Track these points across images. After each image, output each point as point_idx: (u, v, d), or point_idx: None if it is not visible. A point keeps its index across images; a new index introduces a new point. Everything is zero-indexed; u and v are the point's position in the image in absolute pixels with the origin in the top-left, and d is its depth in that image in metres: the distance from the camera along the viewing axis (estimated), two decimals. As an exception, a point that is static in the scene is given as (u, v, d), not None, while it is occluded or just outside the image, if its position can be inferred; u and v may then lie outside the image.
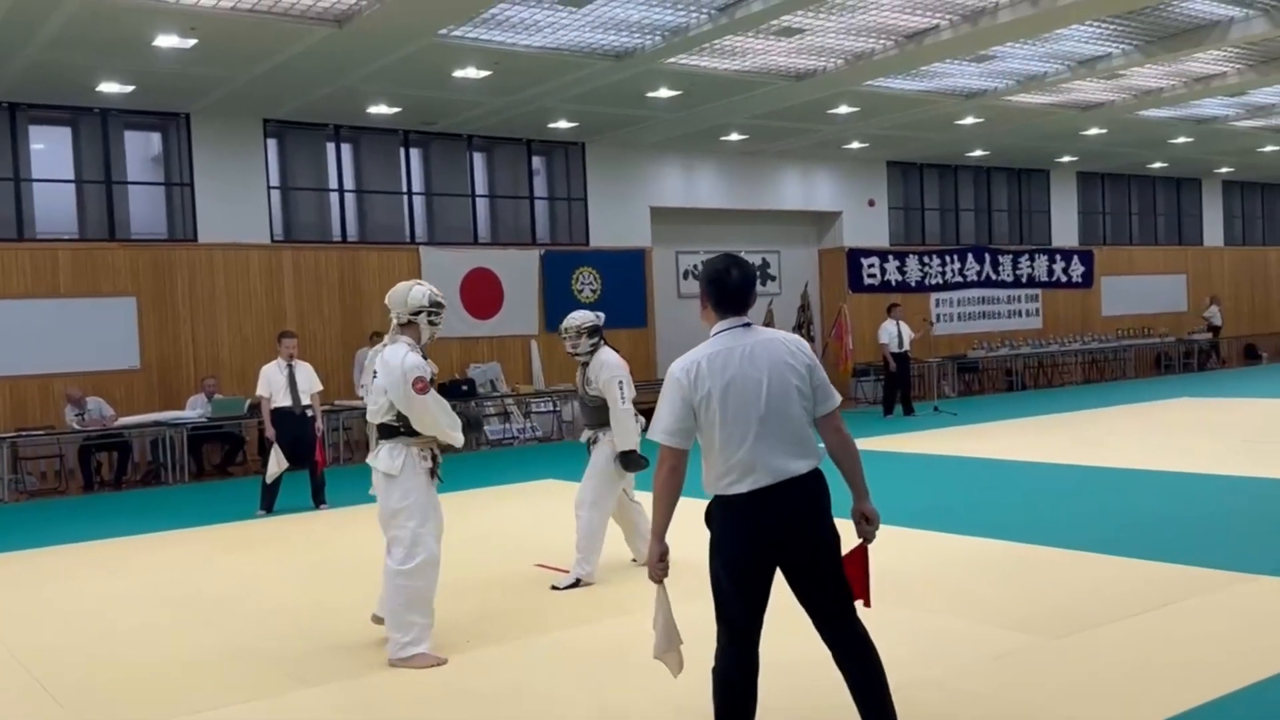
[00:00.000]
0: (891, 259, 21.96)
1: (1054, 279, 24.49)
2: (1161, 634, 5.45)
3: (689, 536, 3.86)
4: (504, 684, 5.21)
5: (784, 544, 3.66)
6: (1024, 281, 23.96)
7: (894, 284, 21.80)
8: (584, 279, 18.04)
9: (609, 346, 7.24)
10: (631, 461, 7.02)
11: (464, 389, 15.53)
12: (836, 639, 3.74)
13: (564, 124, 16.51)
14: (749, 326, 3.78)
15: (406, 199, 16.77)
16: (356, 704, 5.07)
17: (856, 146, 19.92)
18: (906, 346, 17.53)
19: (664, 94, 14.76)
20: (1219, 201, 28.14)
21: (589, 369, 7.13)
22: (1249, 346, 27.11)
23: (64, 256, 14.02)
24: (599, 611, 6.39)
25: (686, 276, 20.15)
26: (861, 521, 3.79)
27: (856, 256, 21.47)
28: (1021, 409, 17.65)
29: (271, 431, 10.51)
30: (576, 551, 6.97)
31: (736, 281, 3.78)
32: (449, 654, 5.58)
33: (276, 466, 10.45)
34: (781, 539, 3.65)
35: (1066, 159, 23.34)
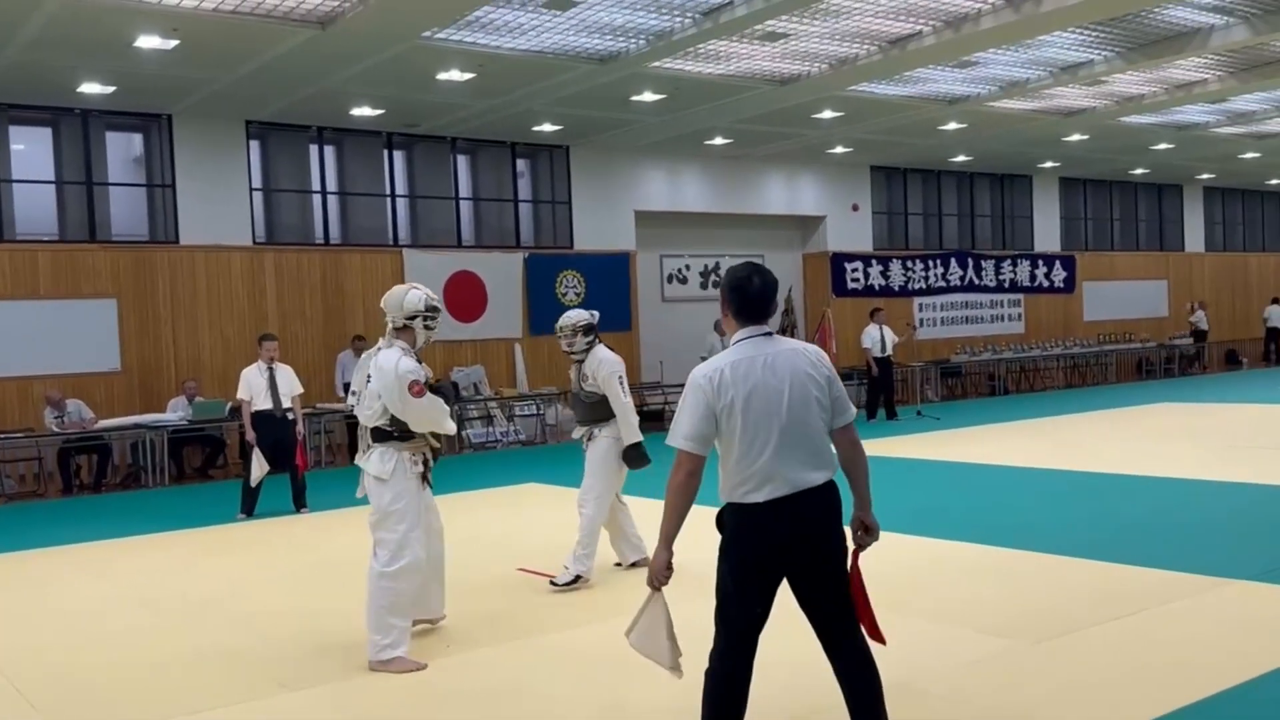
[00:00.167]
0: (875, 263, 22.03)
1: (1036, 284, 24.62)
2: (1142, 638, 5.47)
3: (688, 540, 3.83)
4: (501, 685, 5.20)
5: (795, 553, 3.67)
6: (1006, 286, 24.08)
7: (877, 288, 21.87)
8: (568, 282, 18.03)
9: (604, 345, 7.28)
10: (636, 457, 7.02)
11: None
12: (837, 650, 3.76)
13: (548, 127, 16.49)
14: (770, 336, 3.78)
15: (390, 201, 16.73)
16: (348, 706, 5.04)
17: (840, 151, 19.98)
18: (889, 351, 17.58)
19: (648, 98, 14.77)
20: (1200, 207, 28.34)
21: (584, 366, 7.17)
22: (1230, 352, 27.27)
23: (44, 258, 13.92)
24: (591, 614, 6.37)
25: (671, 280, 20.17)
26: (860, 530, 3.82)
27: (840, 261, 21.52)
28: (1004, 413, 17.72)
29: (252, 435, 10.45)
30: (580, 548, 6.95)
31: (758, 290, 3.78)
32: (435, 657, 5.54)
33: (259, 470, 10.38)
34: (793, 548, 3.66)
35: (1049, 164, 23.46)
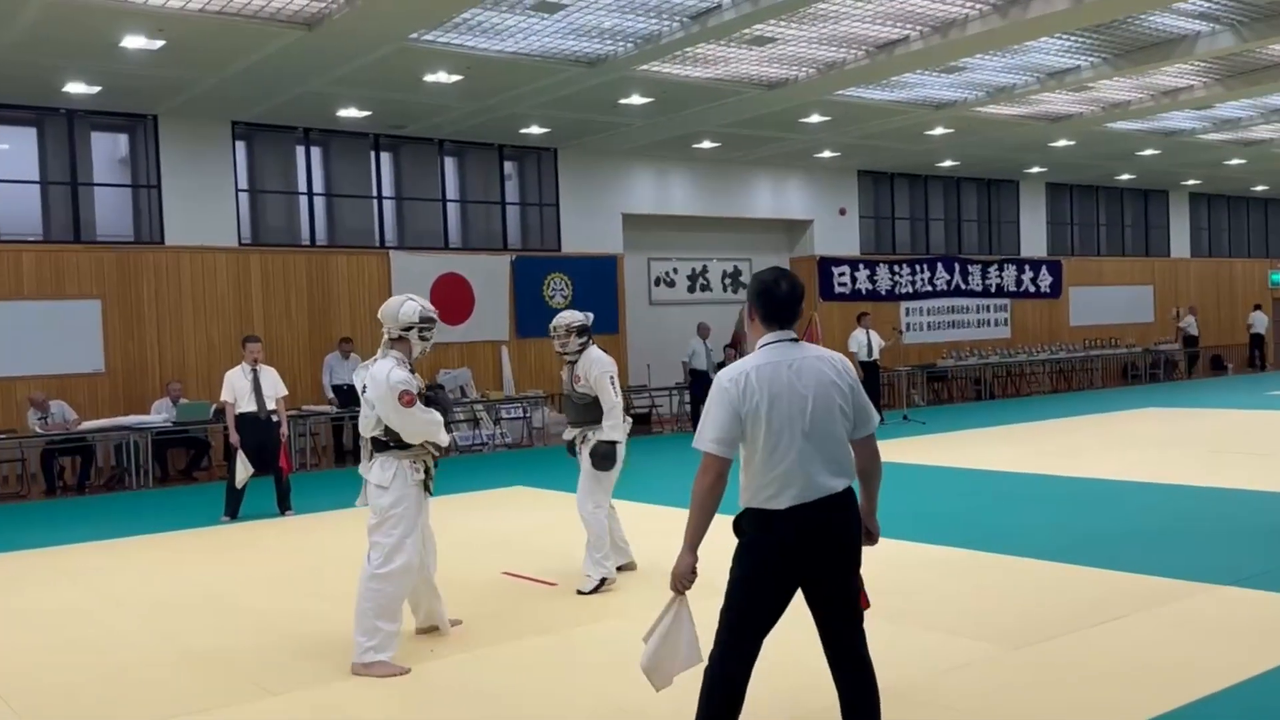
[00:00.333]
0: (862, 268, 22.06)
1: (1022, 289, 24.70)
2: (1125, 644, 5.47)
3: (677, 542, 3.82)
4: (486, 687, 5.19)
5: (812, 560, 3.68)
6: (993, 291, 24.15)
7: (864, 293, 21.91)
8: (555, 285, 18.01)
9: (598, 346, 7.28)
10: (604, 455, 7.01)
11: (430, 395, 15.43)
12: (840, 659, 3.77)
13: (536, 129, 16.48)
14: (796, 342, 3.78)
15: (376, 203, 16.69)
16: (331, 710, 5.02)
17: (828, 155, 20.01)
18: (875, 355, 17.61)
19: (636, 101, 14.77)
20: (1186, 213, 28.48)
21: (577, 367, 7.15)
22: (1215, 357, 27.39)
23: (28, 258, 13.84)
24: (577, 617, 6.36)
25: (658, 284, 20.17)
26: (862, 535, 3.85)
27: (827, 265, 21.55)
28: (990, 418, 17.77)
29: (236, 437, 10.40)
30: (594, 551, 6.94)
31: (785, 294, 3.78)
32: (419, 661, 5.53)
33: (243, 472, 10.33)
34: (811, 555, 3.67)
35: (1035, 170, 23.55)
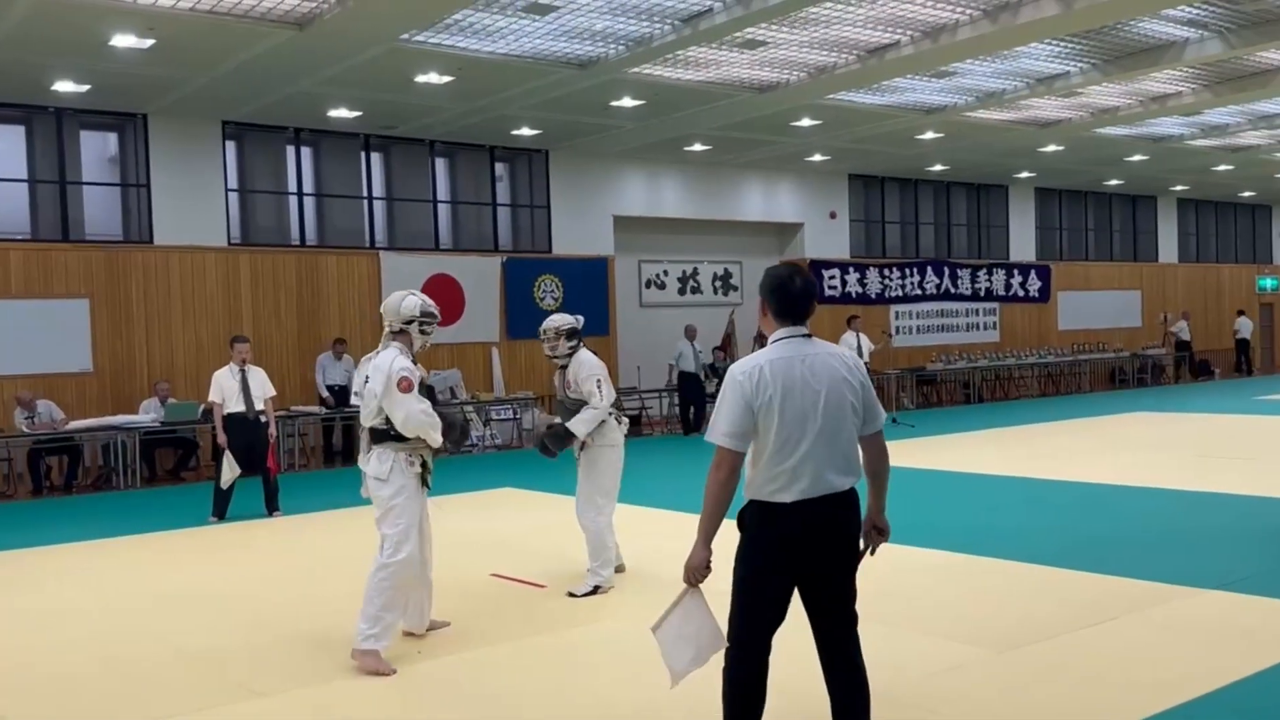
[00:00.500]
0: (852, 271, 22.10)
1: (1011, 293, 24.77)
2: (1111, 647, 5.49)
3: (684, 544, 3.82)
4: (474, 689, 5.19)
5: (814, 555, 3.69)
6: (982, 295, 24.22)
7: (854, 296, 21.94)
8: (546, 286, 18.00)
9: (587, 349, 7.27)
10: (553, 439, 7.00)
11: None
12: (834, 661, 3.78)
13: (527, 131, 16.47)
14: (809, 338, 3.79)
15: (367, 203, 16.66)
16: (317, 712, 5.01)
17: (819, 159, 20.04)
18: (865, 358, 17.62)
19: (627, 103, 14.77)
20: (1174, 219, 28.60)
21: (568, 371, 7.13)
22: (1202, 362, 27.49)
23: (15, 257, 13.78)
24: (572, 619, 6.36)
25: (649, 286, 20.17)
26: (873, 532, 3.88)
27: (818, 268, 21.57)
28: (978, 421, 17.82)
29: (224, 437, 10.37)
30: (591, 560, 6.93)
31: (799, 290, 3.79)
32: (407, 664, 5.52)
33: (229, 473, 10.31)
34: (813, 550, 3.68)
35: (1025, 175, 23.62)
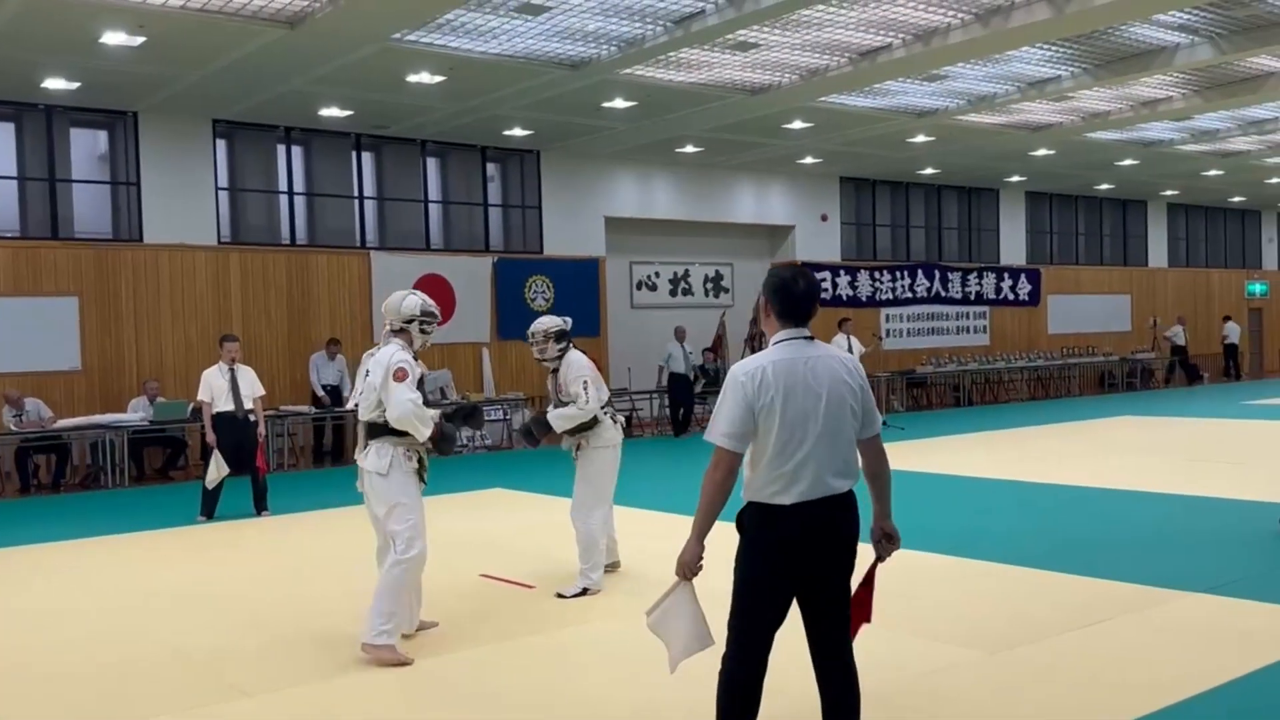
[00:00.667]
0: (843, 274, 22.13)
1: (1002, 297, 24.83)
2: (1101, 649, 5.50)
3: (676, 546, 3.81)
4: (468, 690, 5.19)
5: (812, 558, 3.67)
6: (972, 299, 24.27)
7: (845, 299, 21.96)
8: (537, 287, 17.99)
9: (578, 350, 7.26)
10: (533, 427, 7.07)
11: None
12: (827, 665, 3.77)
13: (519, 131, 16.46)
14: (811, 340, 3.78)
15: (358, 203, 16.63)
16: (306, 713, 4.99)
17: (810, 162, 20.06)
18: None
19: (619, 104, 14.77)
20: (1164, 223, 28.71)
21: (559, 374, 7.12)
22: (1191, 366, 27.56)
23: (4, 254, 13.72)
24: (563, 619, 6.35)
25: (640, 287, 20.17)
26: (883, 540, 3.85)
27: (809, 271, 21.58)
28: (968, 424, 17.85)
29: (212, 437, 10.34)
30: (581, 562, 6.93)
31: (803, 291, 3.79)
32: (415, 658, 5.56)
33: (217, 472, 10.29)
34: (812, 553, 3.67)
35: (1015, 179, 23.67)
